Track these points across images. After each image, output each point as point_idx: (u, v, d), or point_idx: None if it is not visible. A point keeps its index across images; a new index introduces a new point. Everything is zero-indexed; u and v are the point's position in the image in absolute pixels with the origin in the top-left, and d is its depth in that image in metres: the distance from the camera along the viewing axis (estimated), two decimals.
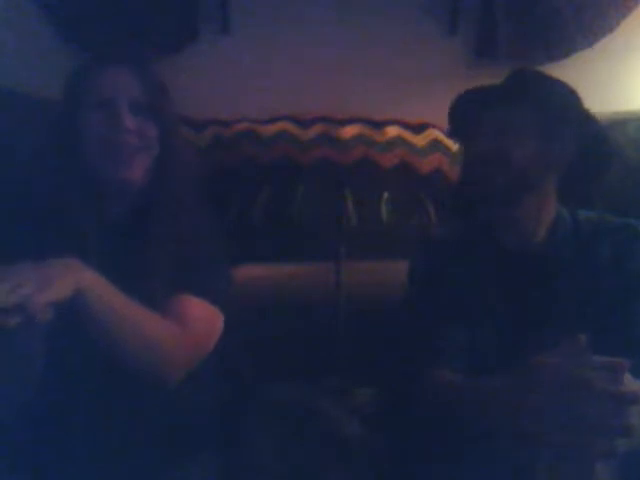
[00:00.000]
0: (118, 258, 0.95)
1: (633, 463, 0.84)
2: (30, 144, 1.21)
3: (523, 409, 0.78)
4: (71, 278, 0.79)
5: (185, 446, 1.05)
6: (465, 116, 1.16)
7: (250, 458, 1.12)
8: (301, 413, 1.19)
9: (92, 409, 0.96)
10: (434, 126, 1.55)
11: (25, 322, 0.73)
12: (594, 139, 1.08)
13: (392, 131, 1.53)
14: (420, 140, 1.54)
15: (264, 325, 1.39)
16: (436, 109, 1.26)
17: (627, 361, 0.77)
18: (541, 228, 1.09)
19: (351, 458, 1.19)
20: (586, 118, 1.08)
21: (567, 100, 1.08)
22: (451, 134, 1.36)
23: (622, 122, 1.50)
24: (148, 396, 0.98)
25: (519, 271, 1.07)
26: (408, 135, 1.54)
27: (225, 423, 1.18)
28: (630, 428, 0.73)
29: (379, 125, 1.54)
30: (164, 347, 0.92)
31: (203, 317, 1.00)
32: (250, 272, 1.42)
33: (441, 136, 1.54)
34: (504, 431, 0.84)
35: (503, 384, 0.84)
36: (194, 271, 1.01)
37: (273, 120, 1.56)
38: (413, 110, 1.58)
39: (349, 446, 1.20)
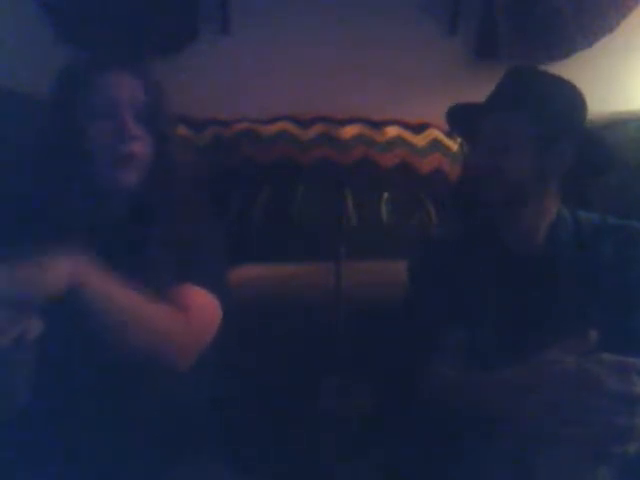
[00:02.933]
0: (118, 257, 0.95)
1: (634, 465, 0.83)
2: (30, 144, 1.21)
3: (524, 407, 0.78)
4: (62, 272, 0.78)
5: (185, 446, 1.05)
6: (465, 122, 1.14)
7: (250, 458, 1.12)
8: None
9: (92, 409, 0.96)
10: (434, 126, 1.54)
11: (17, 338, 0.72)
12: (593, 147, 1.06)
13: (392, 131, 1.53)
14: (420, 140, 1.53)
15: (264, 325, 1.39)
16: (436, 109, 1.26)
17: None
18: (542, 228, 1.09)
19: (351, 457, 1.19)
20: (584, 124, 1.05)
21: (567, 104, 1.05)
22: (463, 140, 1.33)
23: (622, 122, 1.50)
24: (148, 396, 0.99)
25: (520, 271, 1.07)
26: (408, 135, 1.53)
27: (225, 423, 1.18)
28: (636, 430, 0.73)
29: (379, 125, 1.54)
30: (169, 333, 0.92)
31: (204, 304, 1.00)
32: (250, 272, 1.42)
33: (441, 136, 1.54)
34: (504, 430, 0.84)
35: (504, 382, 0.84)
36: (194, 263, 1.02)
37: (273, 120, 1.55)
38: (413, 110, 1.58)
39: (348, 445, 1.20)
